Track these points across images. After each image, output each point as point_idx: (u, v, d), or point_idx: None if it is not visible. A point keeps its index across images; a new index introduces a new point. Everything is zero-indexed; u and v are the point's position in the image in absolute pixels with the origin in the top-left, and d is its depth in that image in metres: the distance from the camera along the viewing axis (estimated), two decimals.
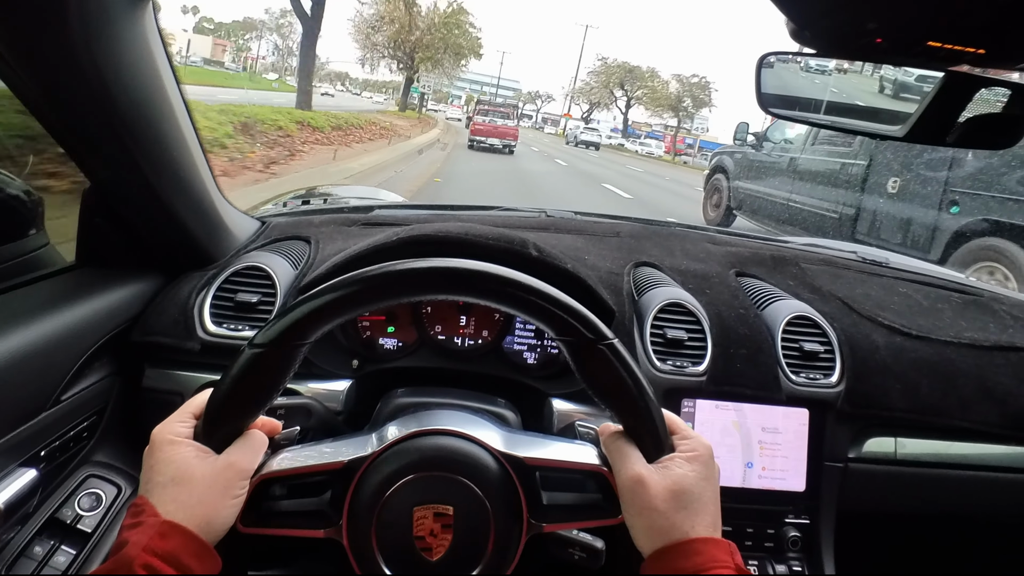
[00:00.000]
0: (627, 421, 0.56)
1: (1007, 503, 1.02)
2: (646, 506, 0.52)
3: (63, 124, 0.71)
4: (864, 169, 5.59)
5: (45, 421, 0.71)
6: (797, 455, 0.92)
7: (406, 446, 0.58)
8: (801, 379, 0.93)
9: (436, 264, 0.54)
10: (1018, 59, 0.62)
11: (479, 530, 0.56)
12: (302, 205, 1.37)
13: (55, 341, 0.72)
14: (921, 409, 0.96)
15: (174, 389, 0.86)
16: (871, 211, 5.52)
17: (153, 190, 0.80)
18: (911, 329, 1.02)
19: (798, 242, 1.51)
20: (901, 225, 5.16)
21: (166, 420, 0.55)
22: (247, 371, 0.53)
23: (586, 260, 1.02)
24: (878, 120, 0.96)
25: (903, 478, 0.97)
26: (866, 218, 5.57)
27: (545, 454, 0.59)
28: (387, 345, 0.98)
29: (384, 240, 0.91)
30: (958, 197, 4.61)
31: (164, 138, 0.77)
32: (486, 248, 0.90)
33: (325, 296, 0.53)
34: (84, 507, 0.77)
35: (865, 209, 5.59)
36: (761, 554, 0.91)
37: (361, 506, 0.56)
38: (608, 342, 0.55)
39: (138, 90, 0.70)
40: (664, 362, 0.92)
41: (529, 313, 0.55)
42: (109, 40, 0.63)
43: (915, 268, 1.37)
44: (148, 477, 0.52)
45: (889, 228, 5.29)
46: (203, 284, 0.91)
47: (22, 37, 0.60)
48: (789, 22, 0.59)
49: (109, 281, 0.86)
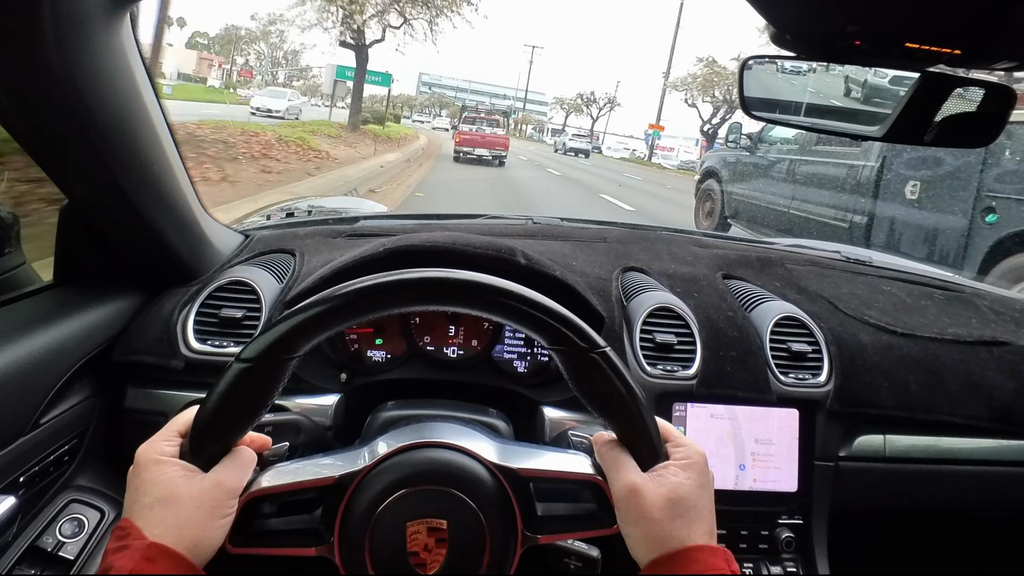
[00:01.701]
0: (621, 429, 0.56)
1: (996, 496, 1.04)
2: (642, 515, 0.52)
3: (38, 139, 0.69)
4: (875, 171, 4.85)
5: (24, 446, 0.69)
6: (788, 455, 0.92)
7: (398, 460, 0.57)
8: (790, 379, 0.94)
9: (427, 275, 0.54)
10: (993, 59, 0.63)
11: (474, 544, 0.56)
12: (286, 217, 1.35)
13: (33, 363, 0.70)
14: (909, 406, 0.96)
15: (157, 409, 0.84)
16: (887, 219, 4.78)
17: (133, 205, 0.78)
18: (897, 327, 1.03)
19: (783, 243, 1.52)
20: (926, 236, 4.39)
21: (151, 439, 0.54)
22: (234, 386, 0.52)
23: (574, 266, 1.02)
24: (857, 121, 0.98)
25: (893, 475, 0.98)
26: (882, 227, 4.82)
27: (539, 464, 0.59)
28: (376, 357, 0.97)
29: (371, 251, 0.90)
30: (995, 203, 3.85)
31: (143, 152, 0.75)
32: (474, 257, 0.90)
33: (314, 309, 0.52)
34: (66, 533, 0.75)
35: (880, 217, 4.84)
36: (755, 556, 0.91)
37: (353, 522, 0.55)
38: (601, 350, 0.54)
39: (116, 103, 0.68)
40: (654, 366, 0.91)
41: (521, 323, 0.55)
42: (85, 51, 0.61)
43: (898, 266, 1.39)
44: (133, 498, 0.51)
45: (910, 239, 4.55)
46: (186, 300, 0.89)
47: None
48: (770, 26, 0.60)
49: (88, 300, 0.84)
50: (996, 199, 3.86)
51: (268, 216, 1.39)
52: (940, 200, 4.29)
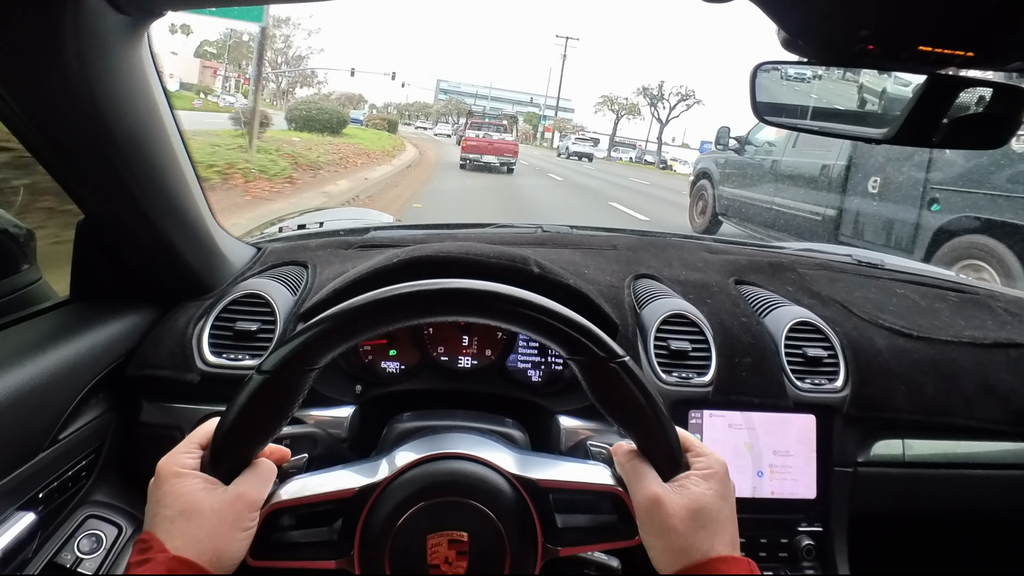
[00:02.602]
0: (641, 440, 0.55)
1: (1015, 500, 1.02)
2: (664, 526, 0.51)
3: (57, 155, 0.70)
4: (844, 169, 5.61)
5: (43, 462, 0.69)
6: (807, 463, 0.92)
7: (418, 472, 0.57)
8: (806, 385, 0.93)
9: (446, 286, 0.54)
10: (1005, 60, 0.63)
11: (494, 556, 0.55)
12: (297, 229, 1.36)
13: (51, 379, 0.70)
14: (926, 410, 0.96)
15: (173, 423, 0.84)
16: (853, 212, 5.51)
17: (148, 220, 0.79)
18: (912, 330, 1.03)
19: (794, 247, 1.51)
20: (884, 225, 5.14)
21: (172, 451, 0.54)
22: (255, 398, 0.52)
23: (586, 274, 1.02)
24: (865, 123, 0.97)
25: (912, 479, 0.97)
26: (849, 219, 5.56)
27: (558, 475, 0.58)
28: (390, 369, 0.97)
29: (384, 262, 0.90)
30: (938, 195, 4.60)
31: (159, 167, 0.76)
32: (487, 267, 0.90)
33: (335, 320, 0.53)
34: (84, 549, 0.75)
35: (847, 210, 5.58)
36: (776, 564, 0.90)
37: (373, 535, 0.55)
38: (620, 360, 0.54)
39: (133, 118, 0.69)
40: (669, 374, 0.91)
41: (539, 332, 0.54)
42: (105, 67, 0.62)
43: (910, 268, 1.38)
44: (155, 511, 0.50)
45: (872, 228, 5.28)
46: (201, 314, 0.90)
47: (15, 66, 0.59)
48: (781, 31, 0.60)
49: (104, 314, 0.84)
50: (939, 191, 4.58)
51: (280, 229, 1.40)
52: (896, 193, 5.00)
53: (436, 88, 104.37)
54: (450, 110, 77.50)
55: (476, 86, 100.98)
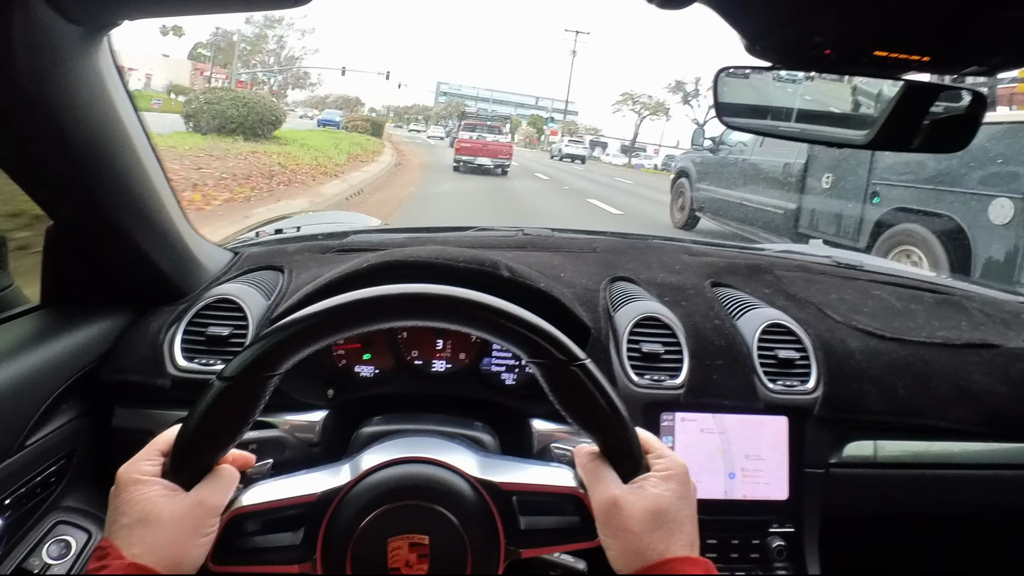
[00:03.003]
0: (602, 442, 0.56)
1: (986, 500, 1.03)
2: (621, 528, 0.52)
3: (17, 162, 0.70)
4: (803, 167, 6.12)
5: (9, 468, 0.69)
6: (778, 463, 0.92)
7: (379, 476, 0.57)
8: (778, 387, 0.94)
9: (405, 291, 0.54)
10: (962, 65, 0.64)
11: (456, 559, 0.55)
12: (275, 234, 1.36)
13: (18, 385, 0.70)
14: (898, 411, 0.96)
15: (145, 428, 0.84)
16: (810, 206, 6.04)
17: (117, 226, 0.79)
18: (885, 332, 1.03)
19: (774, 249, 1.52)
20: (834, 218, 5.67)
21: (132, 459, 0.54)
22: (215, 405, 0.52)
23: (562, 277, 1.02)
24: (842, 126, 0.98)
25: (884, 480, 0.98)
26: (806, 213, 6.09)
27: (521, 478, 0.59)
28: (364, 373, 0.97)
29: (354, 267, 0.90)
30: (878, 188, 5.11)
31: (125, 172, 0.76)
32: (457, 271, 0.90)
33: (293, 327, 0.53)
34: (53, 555, 0.74)
35: (804, 204, 6.11)
36: (748, 565, 0.90)
37: (335, 539, 0.55)
38: (580, 363, 0.54)
39: (93, 125, 0.69)
40: (641, 376, 0.91)
41: (500, 336, 0.55)
42: (61, 78, 0.62)
43: (889, 270, 1.39)
44: (113, 519, 0.51)
45: (825, 220, 5.81)
46: (173, 319, 0.89)
47: None
48: (742, 37, 0.61)
49: (76, 320, 0.84)
50: (879, 185, 5.12)
51: (258, 233, 1.40)
52: (844, 188, 5.56)
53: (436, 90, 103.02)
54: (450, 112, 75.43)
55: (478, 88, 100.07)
